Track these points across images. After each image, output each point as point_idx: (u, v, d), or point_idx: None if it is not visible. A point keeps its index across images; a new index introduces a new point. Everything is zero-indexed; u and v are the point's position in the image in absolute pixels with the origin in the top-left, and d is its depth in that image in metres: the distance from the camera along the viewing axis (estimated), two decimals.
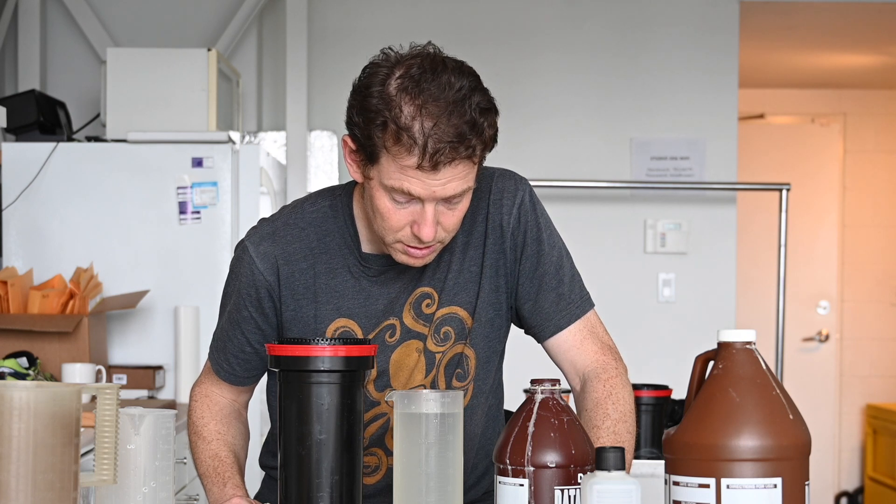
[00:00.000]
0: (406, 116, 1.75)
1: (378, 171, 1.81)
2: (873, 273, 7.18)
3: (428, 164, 1.75)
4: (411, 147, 1.75)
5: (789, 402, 1.63)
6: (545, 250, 2.02)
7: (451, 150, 1.75)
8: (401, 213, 1.83)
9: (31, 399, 1.38)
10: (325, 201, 2.01)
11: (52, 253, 4.03)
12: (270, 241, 1.98)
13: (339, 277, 1.97)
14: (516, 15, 5.10)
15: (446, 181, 1.79)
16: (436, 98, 1.75)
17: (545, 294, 2.01)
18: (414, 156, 1.75)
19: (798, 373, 6.69)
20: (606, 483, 1.53)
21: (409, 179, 1.78)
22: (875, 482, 6.88)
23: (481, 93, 1.80)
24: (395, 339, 1.98)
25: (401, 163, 1.77)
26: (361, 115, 1.79)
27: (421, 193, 1.79)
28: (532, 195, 2.03)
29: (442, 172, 1.77)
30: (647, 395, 3.17)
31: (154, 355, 4.06)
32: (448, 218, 1.85)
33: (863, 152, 7.19)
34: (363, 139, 1.80)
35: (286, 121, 4.84)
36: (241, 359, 2.05)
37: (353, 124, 1.82)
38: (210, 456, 2.00)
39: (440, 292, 1.98)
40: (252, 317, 2.00)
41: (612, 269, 5.08)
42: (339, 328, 1.97)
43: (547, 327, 2.02)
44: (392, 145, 1.76)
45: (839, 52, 6.26)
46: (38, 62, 4.77)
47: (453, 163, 1.77)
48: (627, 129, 5.12)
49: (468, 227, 1.99)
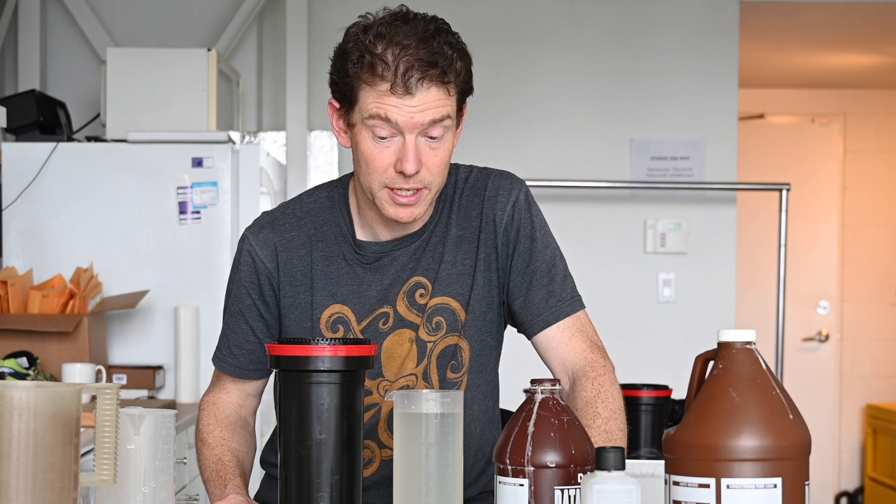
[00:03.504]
0: (379, 48, 1.86)
1: (358, 109, 1.90)
2: (873, 273, 7.18)
3: (401, 85, 1.84)
4: (384, 72, 1.85)
5: (789, 402, 1.63)
6: (538, 248, 2.05)
7: (420, 71, 1.85)
8: (384, 152, 1.90)
9: (31, 399, 1.38)
10: (322, 192, 2.08)
11: (52, 253, 4.03)
12: (270, 229, 2.04)
13: (335, 264, 2.02)
14: (516, 15, 5.10)
15: (422, 106, 1.86)
16: (406, 34, 1.87)
17: (535, 290, 2.03)
18: (387, 81, 1.85)
19: (798, 373, 6.69)
20: (606, 483, 1.53)
21: (387, 106, 1.86)
22: (875, 482, 6.88)
23: (451, 34, 1.91)
24: (388, 326, 2.02)
25: (377, 89, 1.86)
26: (339, 59, 1.90)
27: (398, 118, 1.86)
28: (528, 195, 2.07)
29: (417, 97, 1.86)
30: (647, 395, 3.17)
31: (154, 355, 4.06)
32: (430, 157, 1.91)
33: (863, 152, 7.20)
34: (342, 83, 1.90)
35: (286, 121, 4.84)
36: (246, 349, 2.07)
37: (333, 76, 1.92)
38: (213, 461, 2.01)
39: (433, 282, 2.02)
40: (254, 304, 2.04)
41: (612, 269, 5.08)
42: (333, 314, 2.01)
43: (536, 323, 2.04)
44: (367, 75, 1.86)
45: (839, 52, 6.26)
46: (38, 62, 4.77)
47: (425, 85, 1.86)
48: (627, 130, 5.12)
49: (463, 220, 2.04)
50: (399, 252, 2.03)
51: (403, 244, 2.03)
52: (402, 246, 2.03)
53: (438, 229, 2.04)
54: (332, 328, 2.02)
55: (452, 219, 2.04)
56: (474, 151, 5.05)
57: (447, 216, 2.05)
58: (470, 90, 1.94)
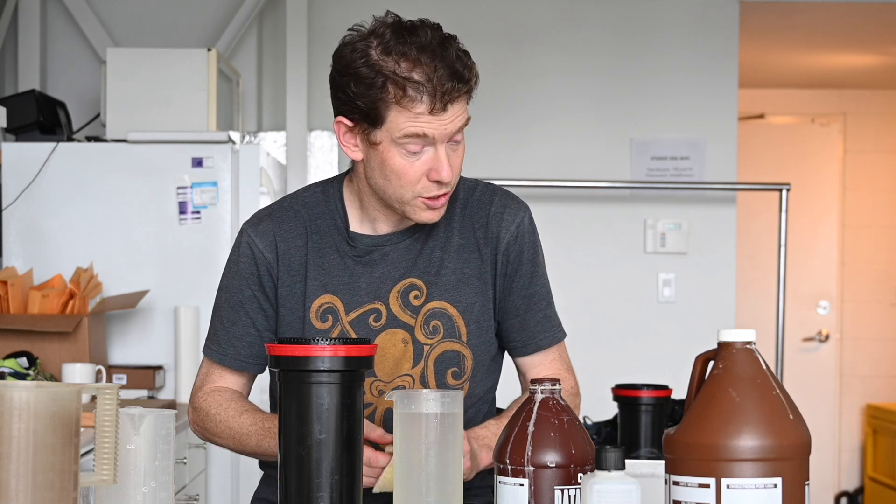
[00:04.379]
0: (403, 69, 1.88)
1: (387, 129, 1.91)
2: (873, 273, 7.18)
3: (440, 105, 1.89)
4: (420, 94, 1.88)
5: (789, 402, 1.63)
6: (539, 273, 2.12)
7: (455, 89, 1.89)
8: (415, 165, 1.94)
9: (31, 399, 1.38)
10: (317, 188, 2.13)
11: (52, 253, 4.03)
12: (268, 221, 2.09)
13: (327, 256, 2.06)
14: (516, 15, 5.10)
15: (452, 117, 1.92)
16: (422, 47, 1.89)
17: (533, 313, 2.11)
18: (424, 102, 1.88)
19: (798, 373, 6.68)
20: (606, 483, 1.54)
21: (423, 125, 1.90)
22: (875, 482, 6.88)
23: (455, 39, 1.94)
24: (381, 324, 2.05)
25: (413, 111, 1.89)
26: (358, 86, 1.90)
27: (435, 133, 1.90)
28: (532, 221, 2.13)
29: (449, 112, 1.91)
30: (647, 395, 3.17)
31: (154, 355, 4.06)
32: (454, 160, 1.97)
33: (863, 152, 7.19)
34: (366, 107, 1.90)
35: (286, 121, 4.84)
36: (246, 342, 2.09)
37: (348, 100, 1.92)
38: (248, 423, 2.02)
39: (429, 286, 2.05)
40: (254, 296, 2.07)
41: (612, 269, 5.08)
42: (323, 304, 2.05)
43: (529, 345, 2.12)
44: (401, 98, 1.88)
45: (839, 52, 6.26)
46: (38, 62, 4.77)
47: (458, 99, 1.91)
48: (627, 130, 5.12)
49: (466, 230, 2.08)
50: (390, 248, 2.06)
51: (395, 240, 2.07)
52: (394, 242, 2.06)
53: (437, 234, 2.07)
54: (322, 318, 2.05)
55: (454, 227, 2.08)
56: (475, 151, 5.04)
57: (448, 223, 2.08)
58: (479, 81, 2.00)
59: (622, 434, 3.20)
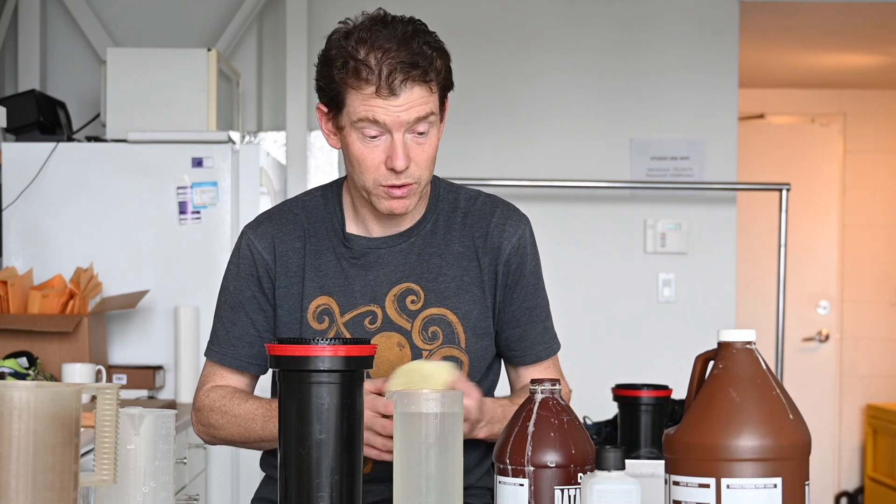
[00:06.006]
0: (362, 54, 1.94)
1: (346, 113, 1.97)
2: (873, 273, 7.18)
3: (385, 87, 1.92)
4: (369, 76, 1.93)
5: (789, 402, 1.63)
6: (540, 286, 2.16)
7: (403, 72, 1.92)
8: (374, 151, 1.98)
9: (31, 399, 1.38)
10: (317, 192, 2.17)
11: (52, 253, 4.03)
12: (268, 223, 2.12)
13: (324, 258, 2.09)
14: (516, 15, 5.10)
15: (407, 105, 1.94)
16: (387, 38, 1.94)
17: (534, 325, 2.14)
18: (372, 84, 1.93)
19: (798, 373, 6.68)
20: (606, 483, 1.54)
21: (374, 108, 1.94)
22: (875, 482, 6.88)
23: (429, 34, 1.97)
24: (376, 326, 2.07)
25: (363, 93, 1.94)
26: (324, 66, 1.98)
27: (385, 119, 1.94)
28: (533, 234, 2.16)
29: (402, 98, 1.93)
30: (647, 395, 3.17)
31: (154, 355, 4.06)
32: (418, 152, 1.99)
33: (863, 152, 7.19)
34: (328, 88, 1.98)
35: (286, 121, 4.84)
36: (247, 342, 2.11)
37: (320, 83, 1.99)
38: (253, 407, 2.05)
39: (427, 292, 2.07)
40: (254, 296, 2.10)
41: (612, 269, 5.08)
42: (320, 305, 2.08)
43: (528, 356, 2.15)
44: (353, 80, 1.94)
45: (839, 52, 6.25)
46: (38, 62, 4.77)
47: (408, 85, 1.93)
48: (627, 129, 5.12)
49: (466, 239, 2.10)
50: (385, 251, 2.08)
51: (390, 243, 2.09)
52: (389, 245, 2.09)
53: (435, 240, 2.10)
54: (318, 319, 2.07)
55: (455, 235, 2.10)
56: (475, 151, 5.05)
57: (448, 231, 2.10)
58: (450, 86, 2.03)
59: (622, 434, 3.20)
